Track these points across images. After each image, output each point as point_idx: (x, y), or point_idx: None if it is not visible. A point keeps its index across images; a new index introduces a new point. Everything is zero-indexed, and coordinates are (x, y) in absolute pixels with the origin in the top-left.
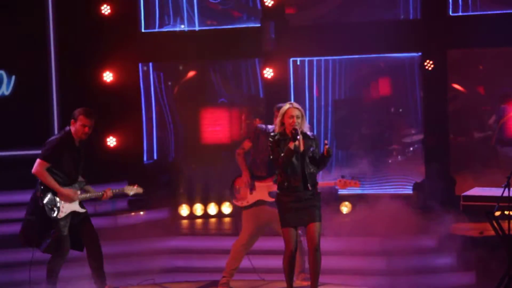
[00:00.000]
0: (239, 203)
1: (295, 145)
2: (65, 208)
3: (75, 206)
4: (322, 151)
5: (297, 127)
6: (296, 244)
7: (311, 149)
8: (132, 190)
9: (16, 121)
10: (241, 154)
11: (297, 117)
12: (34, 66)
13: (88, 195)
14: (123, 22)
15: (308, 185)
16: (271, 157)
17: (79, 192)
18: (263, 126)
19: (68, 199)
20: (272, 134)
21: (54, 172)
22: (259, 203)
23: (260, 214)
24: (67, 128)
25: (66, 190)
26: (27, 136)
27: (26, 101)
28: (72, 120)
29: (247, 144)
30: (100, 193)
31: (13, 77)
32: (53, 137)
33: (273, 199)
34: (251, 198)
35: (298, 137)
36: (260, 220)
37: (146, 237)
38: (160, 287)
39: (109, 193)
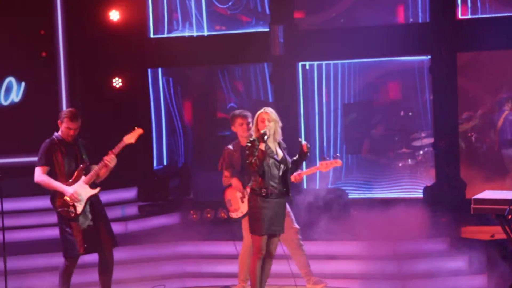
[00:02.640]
0: (234, 215)
1: (265, 145)
2: (79, 202)
3: (86, 192)
4: (298, 152)
5: (266, 130)
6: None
7: (289, 159)
8: (133, 135)
9: (26, 128)
10: (226, 178)
11: (268, 121)
12: (44, 73)
13: (93, 173)
14: (132, 28)
15: (290, 193)
16: (247, 161)
17: (83, 179)
18: (229, 146)
19: (74, 198)
20: (250, 139)
21: (56, 174)
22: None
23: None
24: (56, 132)
25: (69, 190)
26: (37, 143)
27: (35, 108)
28: (59, 121)
29: (227, 172)
30: (101, 166)
31: (23, 84)
32: (45, 141)
33: None
34: (244, 207)
35: (266, 137)
36: None
37: (156, 242)
38: None
39: (110, 157)
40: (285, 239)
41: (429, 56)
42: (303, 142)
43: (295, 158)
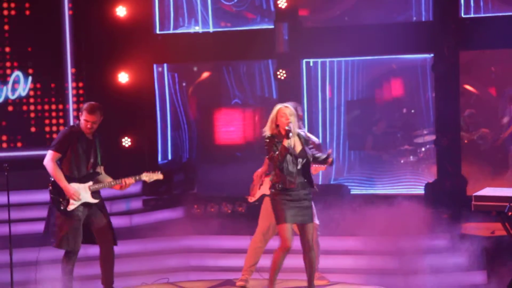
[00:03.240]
0: (250, 199)
1: (288, 143)
2: (75, 201)
3: (85, 197)
4: (325, 154)
5: (290, 125)
6: (292, 241)
7: (310, 151)
8: (149, 176)
9: (32, 122)
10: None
11: (290, 115)
12: (50, 68)
13: (101, 185)
14: (138, 23)
15: (307, 185)
16: (267, 156)
17: (89, 184)
18: None
19: (73, 198)
20: (267, 135)
21: (65, 165)
22: (263, 197)
23: (268, 208)
24: (77, 121)
25: (70, 189)
26: (44, 136)
27: (42, 102)
28: (80, 113)
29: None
30: (110, 184)
31: (30, 78)
32: (64, 128)
33: None
34: (258, 194)
35: (290, 134)
36: (270, 214)
37: (160, 236)
38: (174, 286)
39: (129, 181)
40: None
41: (432, 54)
42: (331, 156)
43: (316, 155)
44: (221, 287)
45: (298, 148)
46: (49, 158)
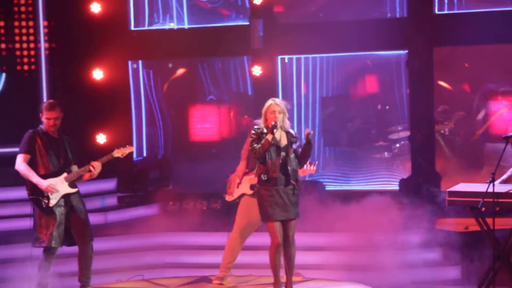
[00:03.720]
0: (227, 198)
1: (273, 137)
2: (54, 195)
3: (64, 189)
4: (303, 142)
5: (277, 121)
6: (282, 237)
7: (294, 145)
8: (122, 152)
9: (6, 119)
10: (244, 151)
11: (278, 113)
12: (24, 64)
13: (75, 173)
14: (112, 20)
15: (291, 180)
16: (250, 147)
17: (64, 176)
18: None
19: (49, 190)
20: (257, 127)
21: (36, 165)
22: (242, 196)
23: (247, 207)
24: (40, 124)
25: (44, 182)
26: (17, 134)
27: (16, 99)
28: (40, 114)
29: (247, 145)
30: (85, 170)
31: (3, 75)
32: (28, 131)
33: (252, 191)
34: (237, 193)
35: (275, 130)
36: (248, 213)
37: (135, 233)
38: (149, 283)
39: (97, 165)
40: None
41: (406, 51)
42: (308, 132)
43: (299, 149)
44: (196, 284)
45: (284, 143)
46: (19, 161)
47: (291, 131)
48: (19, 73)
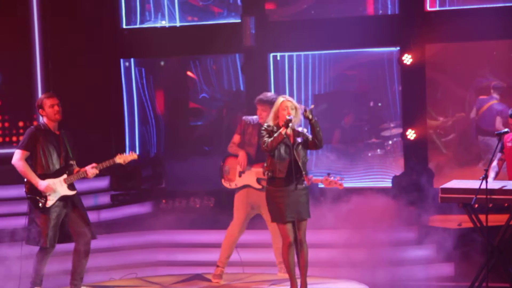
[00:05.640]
0: (226, 184)
1: (285, 132)
2: (52, 196)
3: (62, 190)
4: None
5: (291, 116)
6: (293, 235)
7: (299, 139)
8: (124, 158)
9: (1, 120)
10: (233, 146)
11: (291, 108)
12: (19, 64)
13: (75, 176)
14: (104, 18)
15: (303, 175)
16: (261, 141)
17: (64, 177)
18: (248, 118)
19: (47, 191)
20: (267, 124)
21: (36, 163)
22: (246, 187)
23: (249, 198)
24: (41, 120)
25: (42, 183)
26: (12, 135)
27: (11, 99)
28: (40, 110)
29: (236, 138)
30: (84, 173)
31: None
32: (29, 127)
33: (260, 186)
34: (240, 182)
35: (290, 124)
36: (248, 205)
37: (128, 231)
38: (142, 281)
39: (92, 170)
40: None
41: (398, 48)
42: (302, 108)
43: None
44: (189, 282)
45: (293, 141)
46: (17, 157)
47: (300, 129)
48: (14, 73)
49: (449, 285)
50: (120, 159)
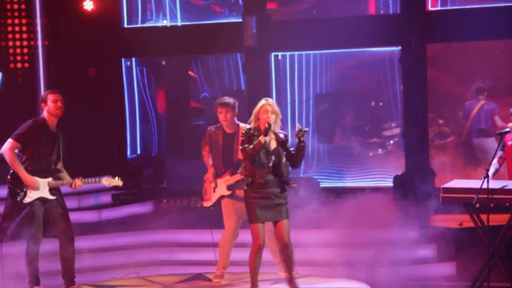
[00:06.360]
0: (205, 204)
1: (265, 140)
2: (32, 194)
3: (43, 192)
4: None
5: (271, 123)
6: (264, 239)
7: (284, 151)
8: (109, 181)
9: (4, 118)
10: (205, 155)
11: (271, 113)
12: (21, 63)
13: (60, 182)
14: (106, 18)
15: (283, 181)
16: (240, 147)
17: (49, 180)
18: (212, 128)
19: (31, 188)
20: (247, 128)
21: (26, 157)
22: (221, 198)
23: (230, 207)
24: (41, 115)
25: (29, 179)
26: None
27: (13, 98)
28: (43, 104)
29: (205, 149)
30: (69, 182)
31: (0, 74)
32: (28, 120)
33: (231, 192)
34: (214, 197)
35: (268, 131)
36: (233, 212)
37: (130, 230)
38: (144, 280)
39: (78, 182)
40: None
41: (400, 47)
42: (297, 127)
43: (293, 148)
44: (191, 281)
45: (273, 146)
46: (7, 147)
47: (282, 133)
48: (16, 73)
49: (450, 285)
50: (106, 181)
